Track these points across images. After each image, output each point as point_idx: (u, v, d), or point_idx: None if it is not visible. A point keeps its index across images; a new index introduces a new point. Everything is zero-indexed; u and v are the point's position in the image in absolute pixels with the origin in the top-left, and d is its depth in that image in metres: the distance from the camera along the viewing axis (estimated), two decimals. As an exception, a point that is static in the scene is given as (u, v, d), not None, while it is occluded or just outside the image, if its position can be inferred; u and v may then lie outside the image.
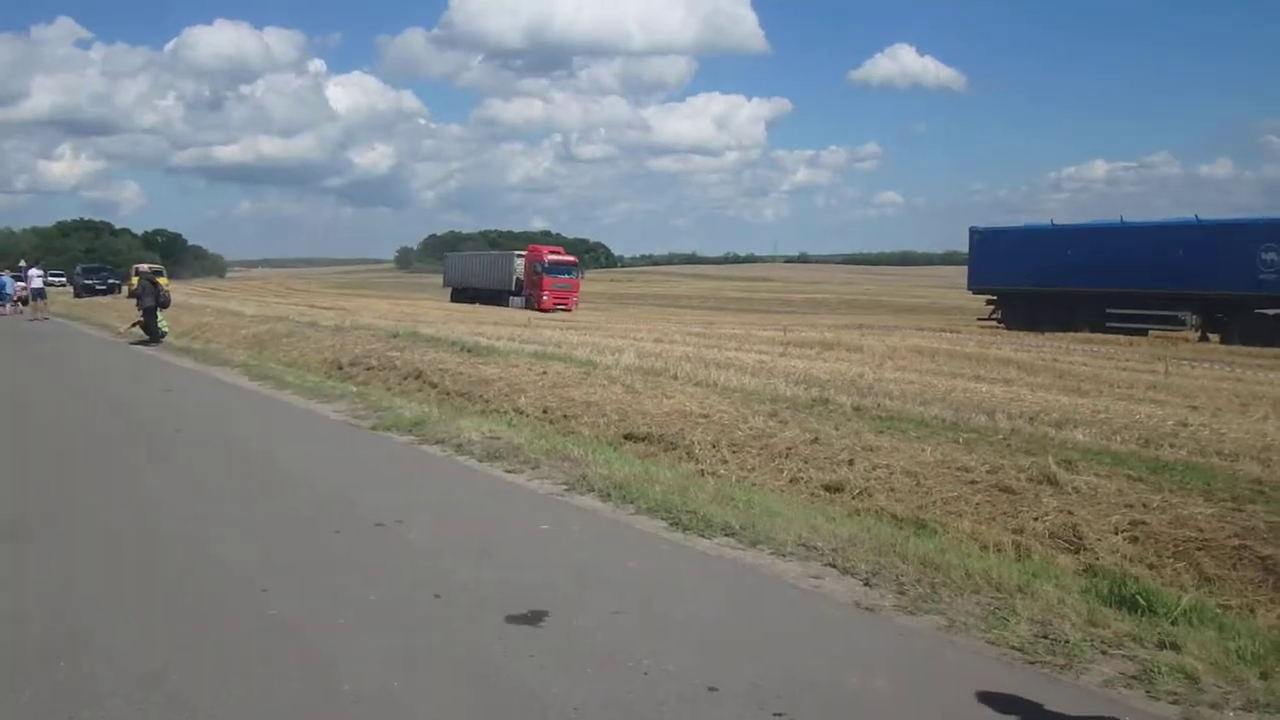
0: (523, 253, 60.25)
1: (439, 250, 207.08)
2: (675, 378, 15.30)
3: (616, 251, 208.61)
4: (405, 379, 16.19)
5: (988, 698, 4.36)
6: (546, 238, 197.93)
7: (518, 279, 58.06)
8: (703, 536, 6.95)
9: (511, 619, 5.25)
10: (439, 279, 75.74)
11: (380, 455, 10.30)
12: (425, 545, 6.72)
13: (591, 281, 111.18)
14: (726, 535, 6.92)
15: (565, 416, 12.28)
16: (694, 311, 56.16)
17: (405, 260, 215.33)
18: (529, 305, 54.93)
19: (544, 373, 15.04)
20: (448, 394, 14.60)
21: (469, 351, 18.92)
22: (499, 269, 61.03)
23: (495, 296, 59.40)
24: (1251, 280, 30.72)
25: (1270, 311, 31.21)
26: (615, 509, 7.79)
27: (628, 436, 11.25)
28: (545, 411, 12.62)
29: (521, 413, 12.67)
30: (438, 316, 37.22)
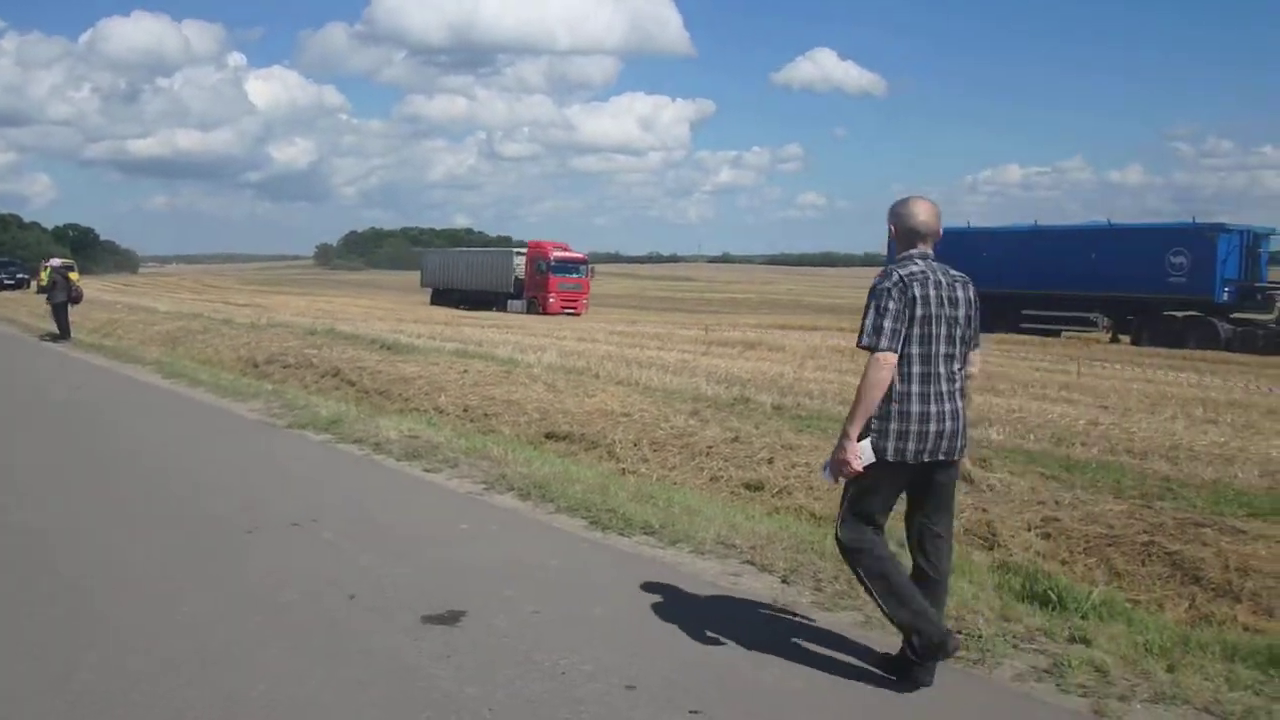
0: (522, 250, 54.92)
1: (360, 247, 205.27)
2: (597, 376, 15.36)
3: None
4: (323, 377, 15.99)
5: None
6: (469, 235, 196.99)
7: (517, 279, 53.11)
8: (623, 535, 6.95)
9: (428, 619, 5.19)
10: (360, 276, 73.77)
11: (296, 454, 10.14)
12: (341, 545, 6.62)
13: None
14: (646, 534, 6.92)
15: (486, 415, 12.21)
16: (617, 310, 55.85)
17: (325, 257, 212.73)
18: (531, 309, 50.40)
19: (465, 371, 14.96)
20: (366, 392, 14.45)
21: (388, 349, 18.74)
22: (494, 268, 55.65)
23: (489, 299, 54.47)
24: (1161, 283, 31.63)
25: (1179, 314, 32.14)
26: (535, 508, 7.76)
27: (549, 435, 11.22)
28: (466, 410, 12.54)
29: (441, 411, 12.56)
30: (357, 314, 36.78)
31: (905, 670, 4.53)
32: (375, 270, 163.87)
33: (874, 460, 4.39)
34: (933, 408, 4.46)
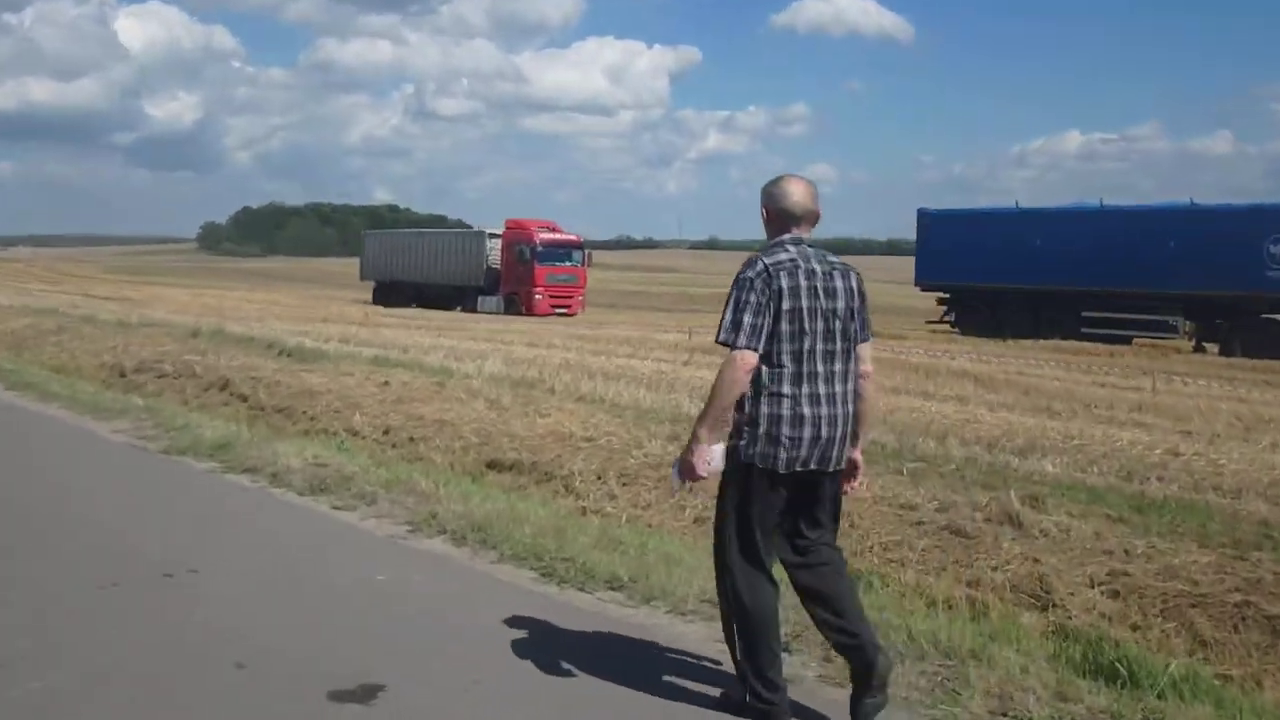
0: (497, 231, 52.61)
1: (256, 228, 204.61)
2: (553, 391, 15.38)
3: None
4: (208, 390, 15.94)
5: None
6: (394, 214, 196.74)
7: (490, 269, 51.49)
8: (582, 590, 6.92)
9: (336, 696, 5.14)
10: (256, 263, 72.99)
11: (173, 487, 10.07)
12: (228, 601, 6.56)
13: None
14: (613, 589, 6.89)
15: (412, 439, 12.20)
16: (579, 308, 56.06)
17: (212, 239, 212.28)
18: (510, 308, 49.04)
19: (386, 383, 14.95)
20: (262, 409, 14.39)
21: (290, 356, 18.69)
22: (460, 256, 53.89)
23: (451, 296, 53.33)
24: (1257, 278, 31.67)
25: (1279, 317, 32.27)
26: (472, 555, 7.72)
27: (491, 464, 11.23)
28: (387, 433, 12.52)
29: (356, 434, 12.53)
30: (251, 311, 36.66)
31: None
32: (276, 257, 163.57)
33: (723, 466, 4.87)
34: (807, 411, 4.80)
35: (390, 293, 56.83)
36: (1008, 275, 36.66)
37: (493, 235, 52.76)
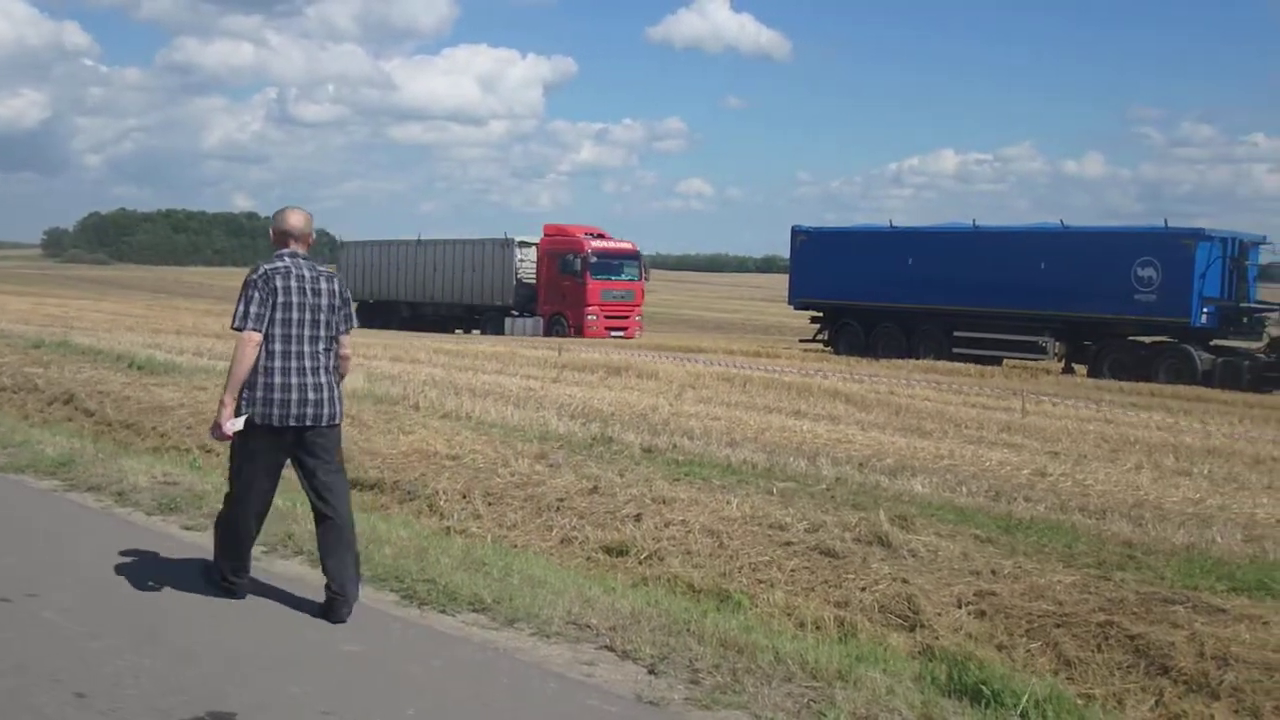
0: (529, 239, 46.46)
1: (104, 234, 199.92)
2: (417, 408, 15.32)
3: (345, 242, 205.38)
4: (51, 404, 15.60)
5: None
6: (252, 220, 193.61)
7: (522, 284, 45.65)
8: (444, 613, 6.91)
9: (181, 725, 5.05)
10: (104, 271, 69.01)
11: (10, 507, 9.82)
12: (68, 627, 6.42)
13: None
14: (476, 611, 6.89)
15: (268, 456, 11.99)
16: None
17: (57, 246, 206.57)
18: (554, 329, 43.54)
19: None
20: (109, 425, 14.13)
21: (140, 369, 18.36)
22: (478, 269, 47.17)
23: (461, 317, 48.22)
24: (1125, 301, 32.57)
25: (1146, 340, 33.23)
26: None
27: (353, 484, 10.90)
28: (241, 449, 12.31)
29: (209, 451, 12.30)
30: (99, 321, 35.81)
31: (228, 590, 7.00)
32: (125, 264, 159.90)
33: (242, 427, 6.54)
34: (294, 380, 6.62)
35: (377, 314, 49.77)
36: (881, 294, 37.21)
37: (524, 244, 46.34)
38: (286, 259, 6.72)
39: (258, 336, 6.53)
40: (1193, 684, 6.44)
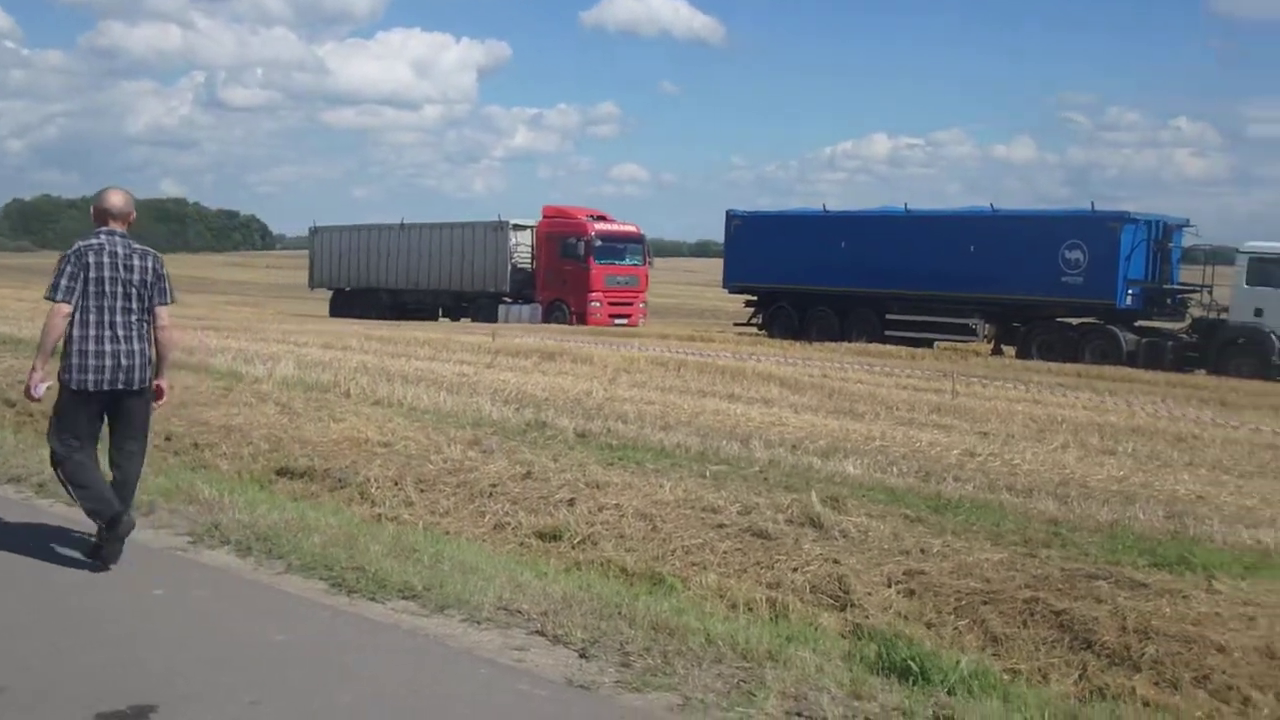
0: (525, 222, 44.45)
1: (26, 221, 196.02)
2: (348, 395, 15.24)
3: (276, 229, 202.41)
4: (-29, 394, 15.24)
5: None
6: (181, 206, 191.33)
7: (517, 269, 43.67)
8: (374, 600, 6.86)
9: (104, 718, 5.00)
10: (26, 259, 66.22)
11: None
12: (-12, 620, 6.31)
13: (241, 266, 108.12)
14: (406, 598, 6.85)
15: (196, 445, 11.90)
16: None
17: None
18: (553, 316, 41.99)
19: (169, 387, 14.49)
20: (30, 415, 13.83)
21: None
22: (469, 253, 44.89)
23: (449, 305, 46.39)
24: (1053, 284, 32.95)
25: (1074, 321, 33.62)
26: (258, 567, 7.58)
27: (281, 471, 11.02)
28: (169, 439, 12.16)
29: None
30: (21, 310, 35.22)
31: (96, 550, 7.41)
32: (49, 252, 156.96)
33: (49, 386, 7.30)
34: (108, 347, 7.23)
35: (354, 303, 48.17)
36: (814, 278, 37.35)
37: (519, 226, 44.17)
38: (102, 236, 7.32)
39: (66, 308, 7.15)
40: (1115, 657, 6.54)
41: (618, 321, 41.33)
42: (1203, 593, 7.37)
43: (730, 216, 40.89)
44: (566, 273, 42.05)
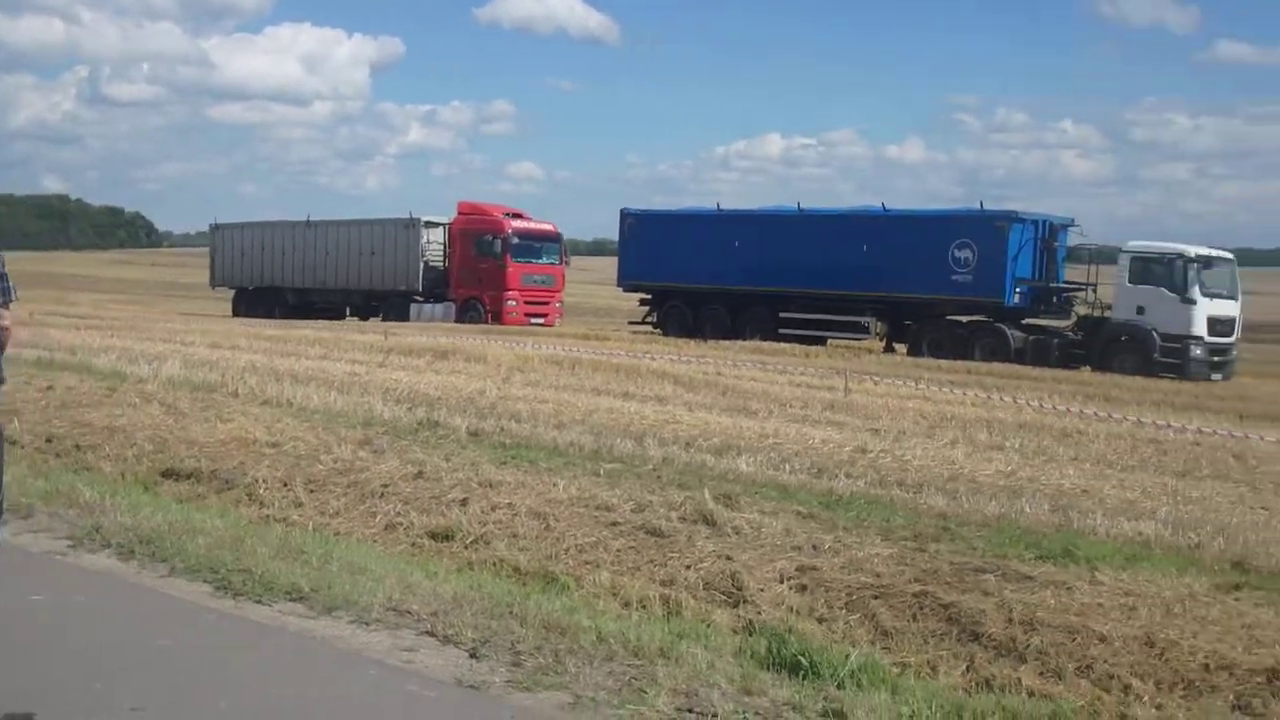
0: (437, 219, 43.79)
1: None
2: (236, 395, 15.09)
3: (162, 226, 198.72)
4: None
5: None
6: (64, 203, 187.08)
7: (430, 267, 42.92)
8: (261, 603, 6.75)
9: (-22, 727, 4.86)
10: None
11: None
12: None
13: (127, 264, 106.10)
14: (293, 600, 6.75)
15: (79, 447, 11.70)
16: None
17: None
18: (467, 315, 40.95)
19: (49, 387, 14.35)
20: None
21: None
22: (379, 251, 43.88)
23: (359, 304, 45.39)
24: (943, 282, 33.44)
25: (964, 319, 34.16)
26: (141, 570, 7.42)
27: (167, 473, 10.88)
28: (50, 441, 11.96)
29: (13, 442, 11.82)
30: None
31: None
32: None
33: None
34: None
35: (258, 302, 46.89)
36: (708, 276, 37.54)
37: (431, 224, 43.42)
38: None
39: None
40: (1002, 649, 6.65)
41: (534, 321, 40.71)
42: (1086, 584, 7.53)
43: (624, 215, 40.92)
44: (482, 271, 41.42)
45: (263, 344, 25.58)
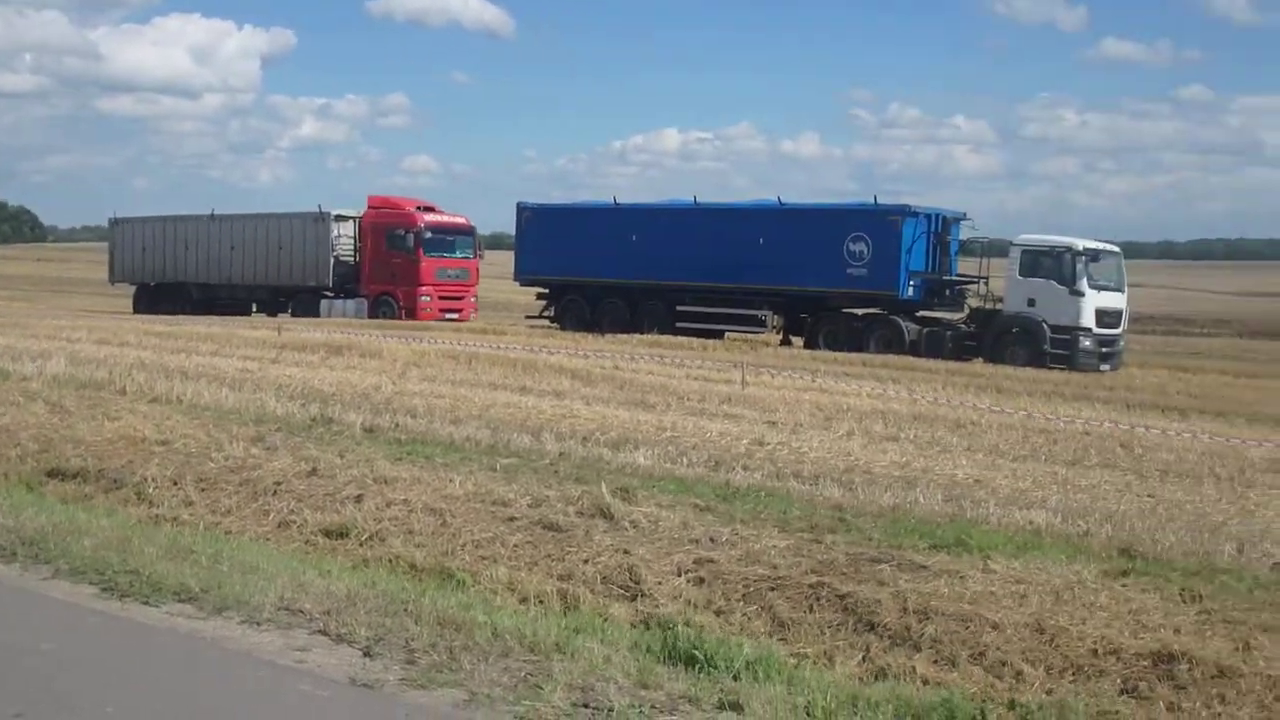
0: (348, 213, 42.12)
1: None
2: (124, 392, 14.87)
3: (48, 220, 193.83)
4: None
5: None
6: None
7: (341, 262, 41.34)
8: (149, 604, 6.65)
9: None
10: None
11: None
12: None
13: (11, 260, 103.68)
14: (182, 601, 6.65)
15: (-42, 447, 11.40)
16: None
17: None
18: (380, 311, 39.80)
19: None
20: None
21: None
22: (287, 246, 42.21)
23: (266, 299, 43.61)
24: (838, 275, 33.71)
25: (859, 312, 34.49)
26: (23, 573, 7.29)
27: (52, 473, 10.72)
28: (-72, 441, 11.65)
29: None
30: None
31: None
32: None
33: None
34: None
35: (160, 299, 44.97)
36: (606, 270, 37.47)
37: (341, 217, 41.75)
38: None
39: None
40: (897, 638, 6.73)
41: (449, 316, 39.87)
42: (979, 573, 7.63)
43: (521, 209, 40.73)
44: (395, 266, 40.34)
45: (152, 340, 25.12)
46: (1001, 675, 6.29)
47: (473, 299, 42.13)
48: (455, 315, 40.25)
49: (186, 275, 45.08)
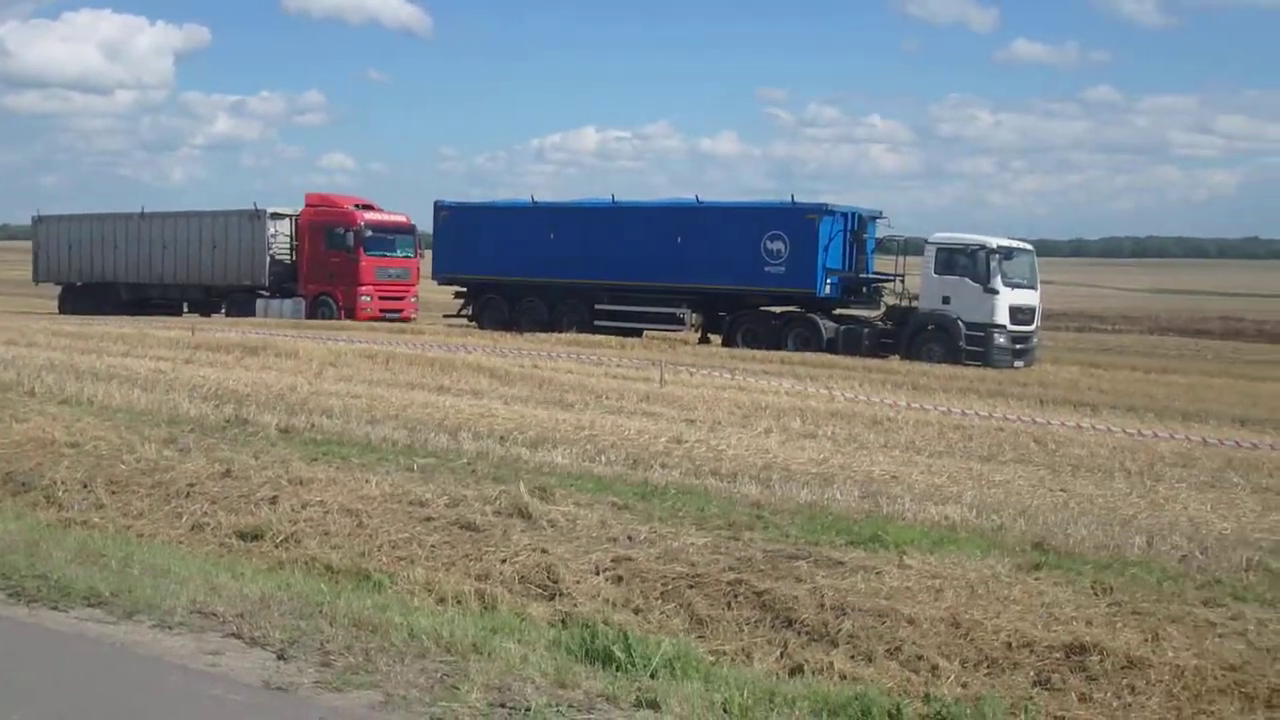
0: (284, 211, 41.15)
1: None
2: (33, 393, 14.71)
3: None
4: None
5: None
6: None
7: (276, 261, 40.46)
8: (57, 609, 6.55)
9: None
10: None
11: None
12: None
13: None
14: (92, 605, 6.56)
15: None
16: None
17: None
18: (319, 311, 39.01)
19: None
20: None
21: None
22: (225, 244, 41.08)
23: (197, 299, 42.83)
24: (756, 274, 33.89)
25: (777, 310, 34.69)
26: (-75, 579, 7.10)
27: (-43, 476, 10.44)
28: None
29: None
30: None
31: None
32: None
33: None
34: None
35: (88, 298, 44.14)
36: (524, 269, 37.35)
37: (277, 215, 40.73)
38: None
39: None
40: (814, 634, 6.79)
41: (390, 316, 39.19)
42: (895, 568, 7.70)
43: (438, 207, 40.48)
44: (334, 265, 39.47)
45: (62, 341, 24.73)
46: (917, 669, 6.37)
47: (414, 299, 41.41)
48: (397, 315, 39.64)
49: (115, 275, 44.03)
